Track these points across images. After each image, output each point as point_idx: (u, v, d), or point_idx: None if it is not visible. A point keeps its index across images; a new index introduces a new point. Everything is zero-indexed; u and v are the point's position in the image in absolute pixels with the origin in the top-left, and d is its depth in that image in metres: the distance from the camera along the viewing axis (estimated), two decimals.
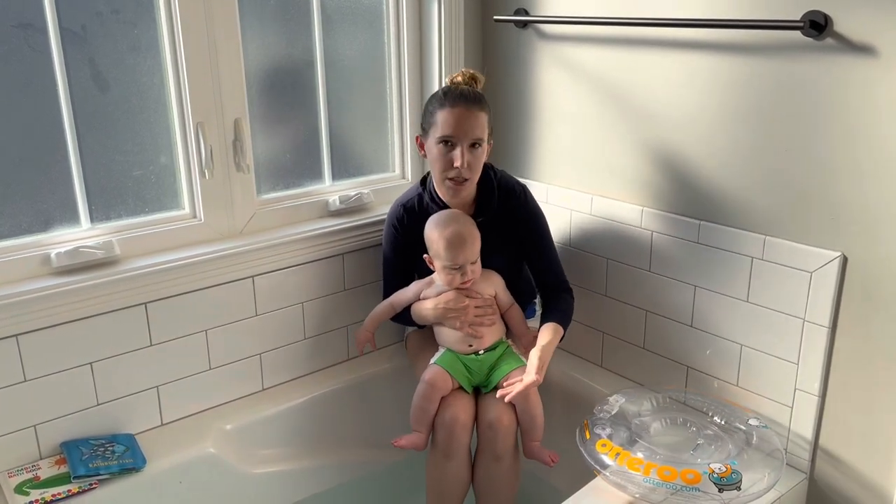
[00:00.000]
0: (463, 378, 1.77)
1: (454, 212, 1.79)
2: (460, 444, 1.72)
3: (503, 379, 1.73)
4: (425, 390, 1.74)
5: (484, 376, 1.78)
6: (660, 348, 1.92)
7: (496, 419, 1.70)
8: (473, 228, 1.75)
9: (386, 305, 1.91)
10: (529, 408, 1.70)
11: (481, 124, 1.71)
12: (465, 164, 1.70)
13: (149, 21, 1.68)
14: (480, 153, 1.73)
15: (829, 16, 1.44)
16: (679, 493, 1.44)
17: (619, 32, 1.83)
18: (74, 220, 1.69)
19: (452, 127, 1.69)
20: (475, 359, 1.78)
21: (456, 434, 1.71)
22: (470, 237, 1.73)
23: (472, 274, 1.75)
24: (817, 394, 1.61)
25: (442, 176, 1.75)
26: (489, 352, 1.79)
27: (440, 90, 1.78)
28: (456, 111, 1.69)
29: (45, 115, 1.59)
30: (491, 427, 1.71)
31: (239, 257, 1.83)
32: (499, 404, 1.72)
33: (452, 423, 1.71)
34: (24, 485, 1.57)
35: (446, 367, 1.76)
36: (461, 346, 1.79)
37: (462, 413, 1.72)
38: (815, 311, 1.58)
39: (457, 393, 1.76)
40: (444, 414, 1.72)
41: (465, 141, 1.70)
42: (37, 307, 1.57)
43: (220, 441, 1.82)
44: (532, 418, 1.71)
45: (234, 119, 1.81)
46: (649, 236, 1.87)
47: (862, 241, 1.50)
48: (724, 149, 1.68)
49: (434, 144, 1.73)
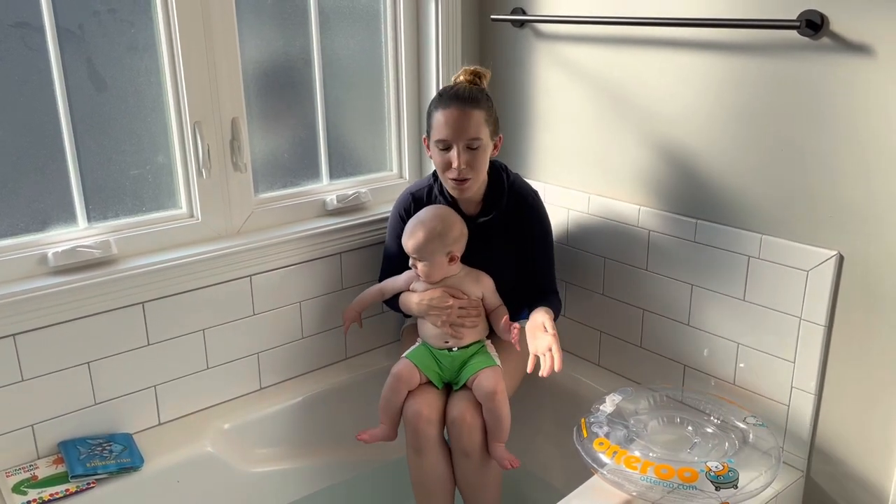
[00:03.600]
0: (432, 373, 1.78)
1: (436, 211, 1.78)
2: (426, 438, 1.73)
3: (471, 377, 1.74)
4: (391, 382, 1.76)
5: (455, 372, 1.79)
6: (657, 347, 1.92)
7: (459, 416, 1.71)
8: (439, 232, 1.73)
9: (376, 290, 1.93)
10: (495, 407, 1.70)
11: (476, 123, 1.70)
12: (464, 165, 1.70)
13: (146, 20, 1.68)
14: (480, 152, 1.73)
15: (825, 15, 1.45)
16: (676, 491, 1.44)
17: (616, 32, 1.83)
18: (71, 220, 1.68)
19: (446, 129, 1.70)
20: (448, 354, 1.79)
21: (420, 428, 1.72)
22: (427, 236, 1.73)
23: (423, 271, 1.76)
24: (814, 392, 1.62)
25: (444, 177, 1.77)
26: (462, 349, 1.80)
27: (438, 91, 1.78)
28: (448, 113, 1.70)
29: (41, 115, 1.59)
30: (454, 424, 1.72)
31: (236, 257, 1.83)
32: (463, 402, 1.73)
33: (416, 417, 1.72)
34: (22, 484, 1.57)
35: (415, 361, 1.78)
36: (437, 341, 1.80)
37: (425, 408, 1.73)
38: (811, 309, 1.58)
39: (424, 387, 1.78)
40: (409, 408, 1.74)
41: (461, 142, 1.70)
42: (34, 307, 1.56)
43: (218, 440, 1.82)
44: (497, 418, 1.71)
45: (231, 118, 1.81)
46: (646, 235, 1.87)
47: (858, 240, 1.50)
48: (720, 148, 1.68)
49: (434, 146, 1.75)
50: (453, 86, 1.77)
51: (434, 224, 1.74)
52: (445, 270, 1.78)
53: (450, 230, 1.75)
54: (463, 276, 1.81)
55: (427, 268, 1.76)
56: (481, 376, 1.73)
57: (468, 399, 1.73)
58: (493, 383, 1.71)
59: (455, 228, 1.76)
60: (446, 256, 1.76)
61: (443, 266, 1.76)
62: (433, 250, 1.74)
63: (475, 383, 1.73)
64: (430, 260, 1.75)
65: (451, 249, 1.76)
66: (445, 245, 1.75)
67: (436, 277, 1.78)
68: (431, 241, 1.73)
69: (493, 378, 1.72)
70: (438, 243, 1.74)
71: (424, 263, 1.76)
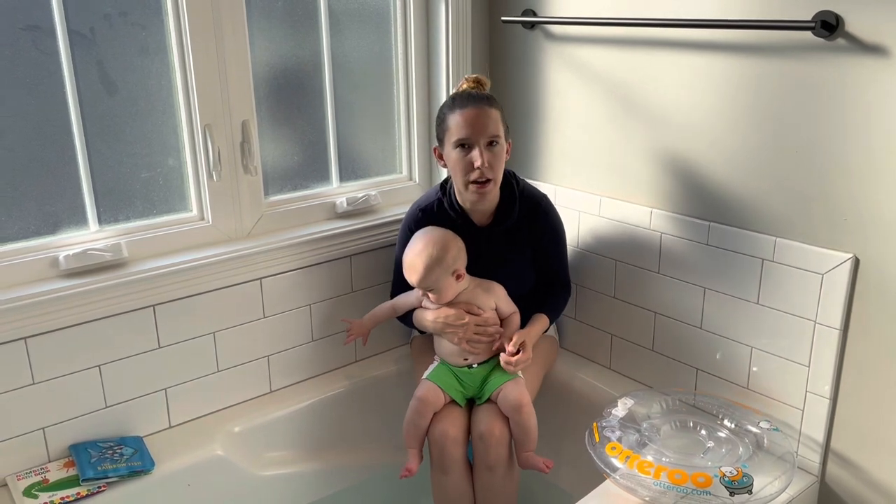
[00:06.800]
0: (455, 392, 1.77)
1: (425, 237, 1.74)
2: (453, 458, 1.72)
3: (495, 391, 1.73)
4: (417, 406, 1.73)
5: (477, 388, 1.78)
6: (669, 350, 1.91)
7: (487, 431, 1.70)
8: (437, 258, 1.70)
9: (388, 307, 1.91)
10: (522, 419, 1.69)
11: (495, 121, 1.70)
12: (486, 164, 1.67)
13: (157, 23, 1.68)
14: (499, 151, 1.71)
15: (840, 16, 1.43)
16: (690, 496, 1.43)
17: (628, 33, 1.82)
18: (82, 223, 1.69)
19: (466, 128, 1.68)
20: (468, 371, 1.77)
21: (447, 449, 1.71)
22: (427, 266, 1.70)
23: (435, 298, 1.76)
24: (828, 396, 1.60)
25: (464, 181, 1.72)
26: (482, 364, 1.78)
27: (448, 98, 1.77)
28: (467, 112, 1.68)
29: (53, 118, 1.59)
30: (482, 439, 1.70)
31: (246, 259, 1.83)
32: (490, 416, 1.71)
33: (443, 438, 1.71)
34: (33, 487, 1.57)
35: (438, 382, 1.76)
36: (456, 359, 1.78)
37: (452, 427, 1.72)
38: (826, 313, 1.57)
39: (448, 407, 1.76)
40: (435, 429, 1.72)
41: (482, 140, 1.68)
42: (45, 310, 1.57)
43: (228, 443, 1.82)
44: (524, 430, 1.70)
45: (241, 121, 1.81)
46: (658, 238, 1.86)
47: (874, 243, 1.49)
48: (734, 150, 1.67)
49: (452, 150, 1.71)
50: (462, 91, 1.76)
51: (429, 251, 1.71)
52: (456, 288, 1.75)
53: (447, 251, 1.72)
54: (473, 287, 1.79)
55: (437, 294, 1.75)
56: (506, 390, 1.71)
57: (495, 413, 1.71)
58: (518, 395, 1.70)
59: (451, 247, 1.73)
60: (452, 276, 1.74)
61: (452, 286, 1.74)
62: (437, 277, 1.72)
63: (500, 397, 1.71)
64: (438, 286, 1.73)
65: (454, 268, 1.73)
66: (447, 267, 1.72)
67: (449, 298, 1.76)
68: (432, 269, 1.70)
69: (518, 390, 1.71)
70: (440, 269, 1.71)
71: (433, 291, 1.75)
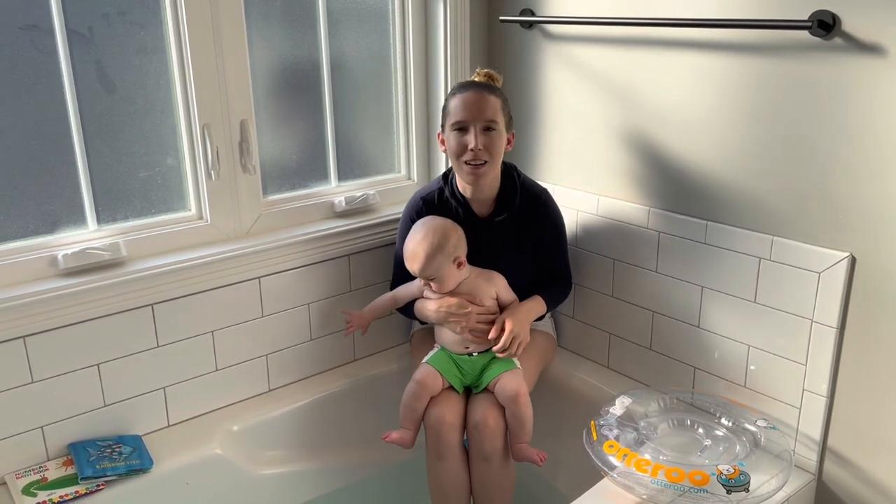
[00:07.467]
0: (454, 378, 1.77)
1: (426, 225, 1.76)
2: (449, 444, 1.72)
3: (493, 381, 1.73)
4: (415, 389, 1.74)
5: (475, 377, 1.78)
6: (667, 349, 1.91)
7: (482, 420, 1.70)
8: (438, 245, 1.71)
9: (388, 298, 1.92)
10: (518, 410, 1.70)
11: (493, 107, 1.72)
12: (480, 146, 1.69)
13: (155, 23, 1.68)
14: (496, 136, 1.73)
15: (837, 15, 1.44)
16: (687, 494, 1.44)
17: (626, 32, 1.83)
18: (81, 222, 1.69)
19: (463, 111, 1.71)
20: (468, 359, 1.78)
21: (443, 434, 1.71)
22: (428, 254, 1.71)
23: (436, 287, 1.76)
24: (825, 395, 1.61)
25: (459, 162, 1.75)
26: (482, 353, 1.79)
27: (454, 85, 1.80)
28: (466, 96, 1.72)
29: (51, 117, 1.59)
30: (477, 428, 1.71)
31: (245, 258, 1.83)
32: (486, 406, 1.72)
33: (439, 423, 1.72)
34: (32, 486, 1.57)
35: (437, 366, 1.77)
36: (457, 347, 1.79)
37: (448, 413, 1.72)
38: (823, 311, 1.57)
39: (446, 393, 1.77)
40: (431, 414, 1.73)
41: (478, 123, 1.70)
42: (44, 309, 1.57)
43: (227, 442, 1.82)
44: (521, 421, 1.70)
45: (240, 120, 1.81)
46: (656, 237, 1.86)
47: (870, 242, 1.49)
48: (731, 148, 1.68)
49: (450, 132, 1.75)
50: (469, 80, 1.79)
51: (430, 239, 1.72)
52: (457, 277, 1.76)
53: (448, 239, 1.73)
54: (474, 277, 1.80)
55: (439, 283, 1.75)
56: (503, 380, 1.72)
57: (490, 403, 1.72)
58: (515, 386, 1.70)
59: (452, 235, 1.75)
60: (453, 264, 1.75)
61: (453, 274, 1.75)
62: (439, 265, 1.73)
63: (497, 387, 1.72)
64: (440, 274, 1.74)
65: (455, 255, 1.74)
66: (448, 255, 1.73)
67: (451, 287, 1.77)
68: (433, 257, 1.72)
69: (515, 381, 1.71)
70: (441, 256, 1.72)
71: (435, 280, 1.75)
